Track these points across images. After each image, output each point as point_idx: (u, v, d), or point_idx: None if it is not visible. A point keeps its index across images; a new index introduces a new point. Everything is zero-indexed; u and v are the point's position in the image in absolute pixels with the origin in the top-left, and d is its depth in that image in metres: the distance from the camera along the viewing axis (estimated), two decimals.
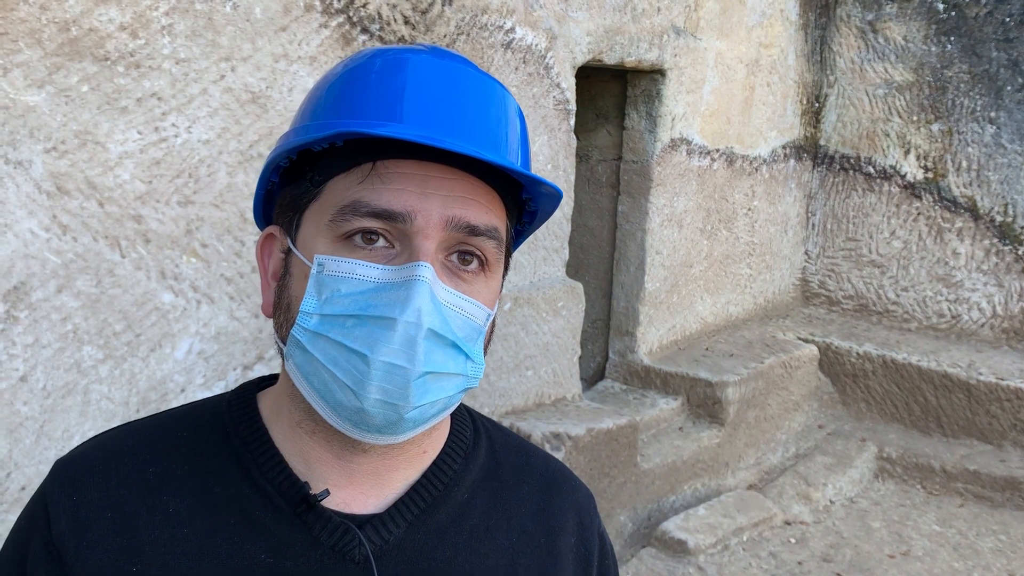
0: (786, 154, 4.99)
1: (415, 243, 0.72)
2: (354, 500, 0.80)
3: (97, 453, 0.81)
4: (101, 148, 2.00)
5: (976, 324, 4.86)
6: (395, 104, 0.73)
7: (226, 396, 0.86)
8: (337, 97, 0.77)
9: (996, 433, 4.28)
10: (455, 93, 0.75)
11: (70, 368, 2.02)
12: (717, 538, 3.43)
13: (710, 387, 3.99)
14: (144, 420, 0.86)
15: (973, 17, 4.77)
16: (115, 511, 0.77)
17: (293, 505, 0.77)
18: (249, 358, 2.37)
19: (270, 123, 2.31)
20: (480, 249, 0.75)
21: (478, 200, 0.75)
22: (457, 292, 0.74)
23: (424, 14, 2.65)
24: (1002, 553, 3.62)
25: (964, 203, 4.86)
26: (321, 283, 0.73)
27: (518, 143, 0.80)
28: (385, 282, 0.72)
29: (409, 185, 0.73)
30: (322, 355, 0.72)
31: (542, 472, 0.92)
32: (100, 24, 1.95)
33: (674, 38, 3.87)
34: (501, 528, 0.85)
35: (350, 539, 0.77)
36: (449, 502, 0.83)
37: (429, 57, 0.77)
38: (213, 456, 0.80)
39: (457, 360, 0.74)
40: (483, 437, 0.90)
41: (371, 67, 0.77)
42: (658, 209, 4.06)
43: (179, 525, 0.77)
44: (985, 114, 4.77)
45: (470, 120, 0.75)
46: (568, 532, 0.89)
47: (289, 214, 0.79)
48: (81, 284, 2.01)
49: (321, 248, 0.74)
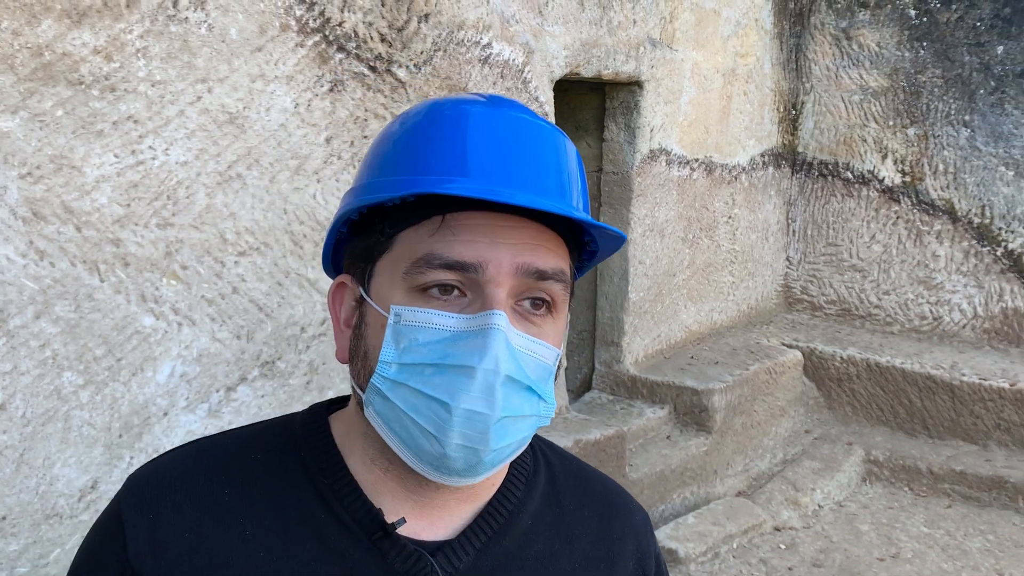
0: (765, 162, 5.03)
1: (487, 291, 0.75)
2: (424, 530, 0.82)
3: (172, 473, 0.83)
4: (77, 172, 1.99)
5: (958, 325, 4.90)
6: (460, 158, 0.76)
7: (298, 417, 0.88)
8: (403, 152, 0.79)
9: (981, 433, 4.31)
10: (516, 144, 0.78)
11: (50, 395, 2.00)
12: (707, 546, 3.43)
13: (696, 395, 4.00)
14: (214, 439, 0.88)
15: (945, 22, 4.84)
16: (192, 532, 0.79)
17: (369, 532, 0.80)
18: (232, 379, 2.35)
19: (248, 143, 2.31)
20: (548, 292, 0.78)
21: (544, 246, 0.78)
22: (529, 336, 0.77)
23: (400, 31, 2.66)
24: (990, 553, 3.63)
25: (942, 206, 4.91)
26: (399, 333, 0.76)
27: (579, 187, 0.83)
28: (461, 331, 0.74)
29: (479, 236, 0.75)
30: (403, 403, 0.75)
31: (601, 496, 0.95)
32: (74, 48, 1.94)
33: (650, 50, 3.90)
34: (564, 554, 0.87)
35: (423, 566, 0.79)
36: (514, 530, 0.85)
37: (488, 109, 0.80)
38: (288, 480, 0.82)
39: (531, 402, 0.77)
40: (542, 463, 0.93)
41: (433, 121, 0.80)
42: (640, 219, 4.07)
43: (256, 548, 0.79)
44: (959, 117, 4.82)
45: (532, 170, 0.78)
46: (627, 556, 0.92)
47: (361, 265, 0.82)
48: (60, 309, 1.99)
49: (397, 299, 0.77)
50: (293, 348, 2.49)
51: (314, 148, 2.46)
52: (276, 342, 2.44)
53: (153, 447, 2.21)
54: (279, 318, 2.44)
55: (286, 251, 2.43)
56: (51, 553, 2.04)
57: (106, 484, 2.13)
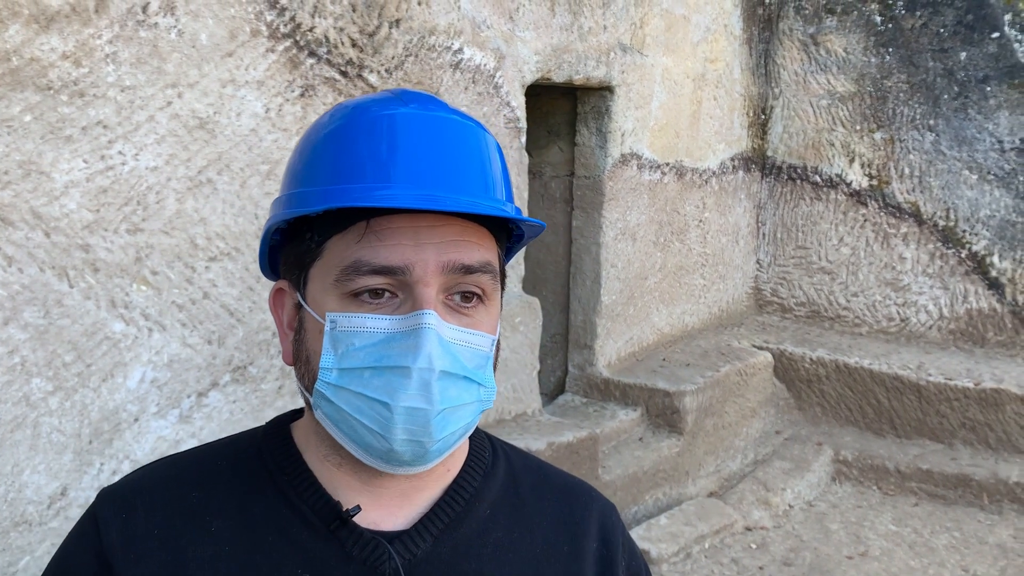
0: (735, 166, 5.09)
1: (416, 291, 0.78)
2: (383, 520, 0.85)
3: (143, 481, 0.88)
4: (46, 178, 1.98)
5: (924, 326, 4.98)
6: (382, 165, 0.78)
7: (262, 428, 0.93)
8: (325, 160, 0.81)
9: (946, 432, 4.39)
10: (437, 145, 0.80)
11: (19, 401, 1.99)
12: (679, 546, 3.47)
13: (668, 397, 4.04)
14: (185, 452, 0.92)
15: (909, 28, 4.93)
16: (161, 529, 0.83)
17: (327, 522, 0.83)
18: (204, 384, 2.35)
19: (219, 148, 2.31)
20: (477, 285, 0.81)
21: (469, 240, 0.80)
22: (461, 328, 0.80)
23: (371, 36, 2.67)
24: (956, 549, 3.70)
25: (908, 209, 5.00)
26: (335, 339, 0.79)
27: (501, 179, 0.85)
28: (395, 331, 0.77)
29: (403, 239, 0.78)
30: (347, 406, 0.79)
31: (560, 488, 0.97)
32: (42, 53, 1.93)
33: (621, 55, 3.94)
34: (524, 541, 0.90)
35: (380, 553, 0.83)
36: (472, 518, 0.88)
37: (405, 109, 0.81)
38: (252, 480, 0.86)
39: (470, 390, 0.80)
40: (501, 458, 0.96)
41: (351, 126, 0.81)
42: (611, 223, 4.11)
43: (221, 544, 0.82)
44: (924, 122, 4.92)
45: (453, 169, 0.80)
46: (591, 538, 0.94)
47: (295, 272, 0.85)
48: (28, 315, 1.98)
49: (331, 305, 0.79)
50: (265, 353, 2.49)
51: (285, 153, 2.46)
52: (247, 347, 2.44)
53: (124, 453, 2.20)
54: (250, 323, 2.44)
55: (257, 256, 2.43)
56: (20, 561, 2.02)
57: (76, 491, 2.11)
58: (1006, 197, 4.75)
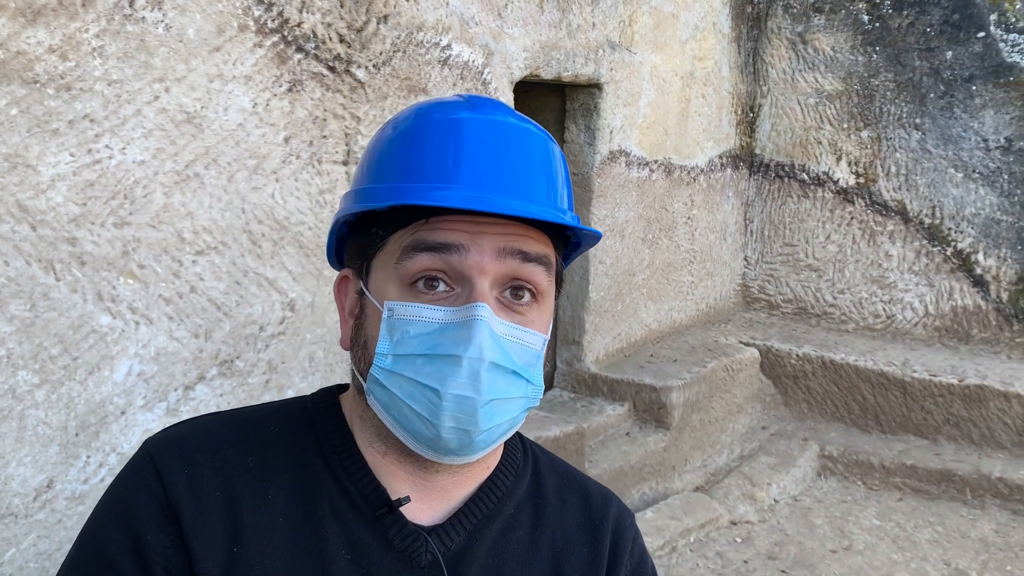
0: (723, 163, 5.12)
1: (472, 282, 0.80)
2: (421, 512, 0.88)
3: (200, 437, 0.87)
4: (32, 171, 1.98)
5: (909, 323, 5.02)
6: (448, 167, 0.82)
7: (310, 397, 0.94)
8: (394, 158, 0.85)
9: (931, 428, 4.43)
10: (503, 150, 0.84)
11: (4, 394, 2.00)
12: (665, 540, 3.49)
13: (655, 392, 4.06)
14: (231, 413, 0.93)
15: (896, 27, 4.96)
16: (223, 491, 0.83)
17: (374, 508, 0.85)
18: (190, 378, 2.36)
19: (206, 142, 2.31)
20: (531, 278, 0.83)
21: (527, 235, 0.84)
22: (513, 324, 0.82)
23: (359, 32, 2.68)
24: (938, 544, 3.74)
25: (894, 207, 5.03)
26: (392, 326, 0.82)
27: (564, 188, 0.89)
28: (448, 322, 0.80)
29: (463, 227, 0.81)
30: (399, 391, 0.81)
31: (582, 492, 1.01)
32: (28, 47, 1.94)
33: (609, 53, 3.96)
34: (545, 540, 0.93)
35: (419, 545, 0.85)
36: (501, 515, 0.92)
37: (474, 115, 0.85)
38: (305, 453, 0.88)
39: (518, 385, 0.82)
40: (531, 459, 0.99)
41: (422, 127, 0.85)
42: (600, 220, 4.13)
43: (276, 514, 0.84)
44: (911, 120, 4.95)
45: (519, 175, 0.83)
46: (604, 538, 0.98)
47: (359, 261, 0.89)
48: (14, 308, 1.99)
49: (391, 294, 0.83)
50: (252, 347, 2.50)
51: (272, 148, 2.47)
52: (234, 341, 2.45)
53: (110, 446, 2.21)
54: (237, 317, 2.45)
55: (244, 250, 2.44)
56: (6, 553, 2.03)
57: (62, 483, 2.12)
58: (991, 195, 4.79)
